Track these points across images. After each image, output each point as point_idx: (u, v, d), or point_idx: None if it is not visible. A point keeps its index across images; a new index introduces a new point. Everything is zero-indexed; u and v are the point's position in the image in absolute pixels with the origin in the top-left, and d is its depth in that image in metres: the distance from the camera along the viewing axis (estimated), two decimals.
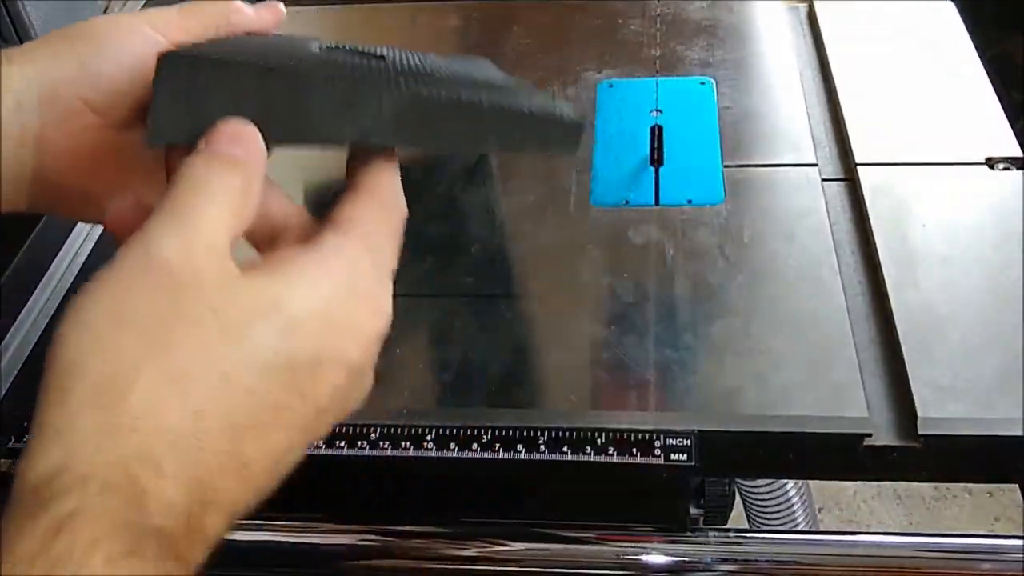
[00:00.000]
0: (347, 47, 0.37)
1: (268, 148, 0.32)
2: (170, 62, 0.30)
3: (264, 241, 0.34)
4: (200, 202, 0.29)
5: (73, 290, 0.59)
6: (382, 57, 0.37)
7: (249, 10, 0.40)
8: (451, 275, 0.57)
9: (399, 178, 0.34)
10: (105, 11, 0.77)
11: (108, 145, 0.37)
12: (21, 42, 0.64)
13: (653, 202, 0.61)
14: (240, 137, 0.31)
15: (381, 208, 0.33)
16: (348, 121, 0.32)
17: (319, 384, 0.29)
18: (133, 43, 0.37)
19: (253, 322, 0.28)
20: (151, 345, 0.26)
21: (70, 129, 0.37)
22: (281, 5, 0.42)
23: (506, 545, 0.49)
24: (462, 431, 0.48)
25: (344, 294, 0.30)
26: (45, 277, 0.59)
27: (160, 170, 0.39)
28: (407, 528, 0.50)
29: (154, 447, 0.26)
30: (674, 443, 0.47)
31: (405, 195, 0.35)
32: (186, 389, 0.26)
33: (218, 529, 0.27)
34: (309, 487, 0.32)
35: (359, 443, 0.48)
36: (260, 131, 0.31)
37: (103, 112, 0.37)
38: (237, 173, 0.30)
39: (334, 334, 0.29)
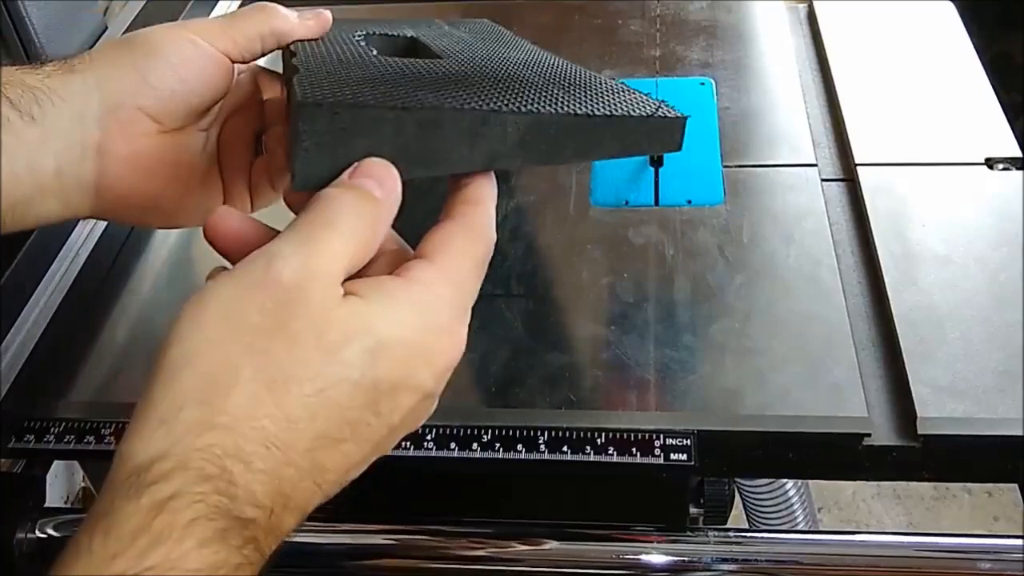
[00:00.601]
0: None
1: (404, 182, 0.33)
2: (310, 110, 0.31)
3: None
4: (327, 232, 0.31)
5: (73, 290, 0.59)
6: (439, 56, 0.41)
7: (293, 16, 0.42)
8: None
9: (492, 209, 0.35)
10: (105, 12, 0.77)
11: (164, 150, 0.40)
12: (21, 42, 0.64)
13: (653, 202, 0.61)
14: (380, 175, 0.33)
15: (469, 241, 0.34)
16: (477, 149, 0.34)
17: (395, 405, 0.31)
18: (186, 53, 0.39)
19: (347, 344, 0.30)
20: (255, 353, 0.29)
21: (129, 137, 0.39)
22: (328, 13, 0.43)
23: (506, 545, 0.49)
24: (462, 431, 0.48)
25: (427, 325, 0.32)
26: (45, 277, 0.59)
27: (213, 171, 0.42)
28: (407, 528, 0.50)
29: (247, 445, 0.28)
30: (674, 443, 0.47)
31: (407, 195, 0.35)
32: (281, 397, 0.29)
33: (291, 526, 0.29)
34: None
35: None
36: (396, 167, 0.33)
37: (159, 119, 0.40)
38: (370, 208, 0.32)
39: (414, 362, 0.31)
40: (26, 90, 0.37)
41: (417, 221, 0.36)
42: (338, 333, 0.30)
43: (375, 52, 0.41)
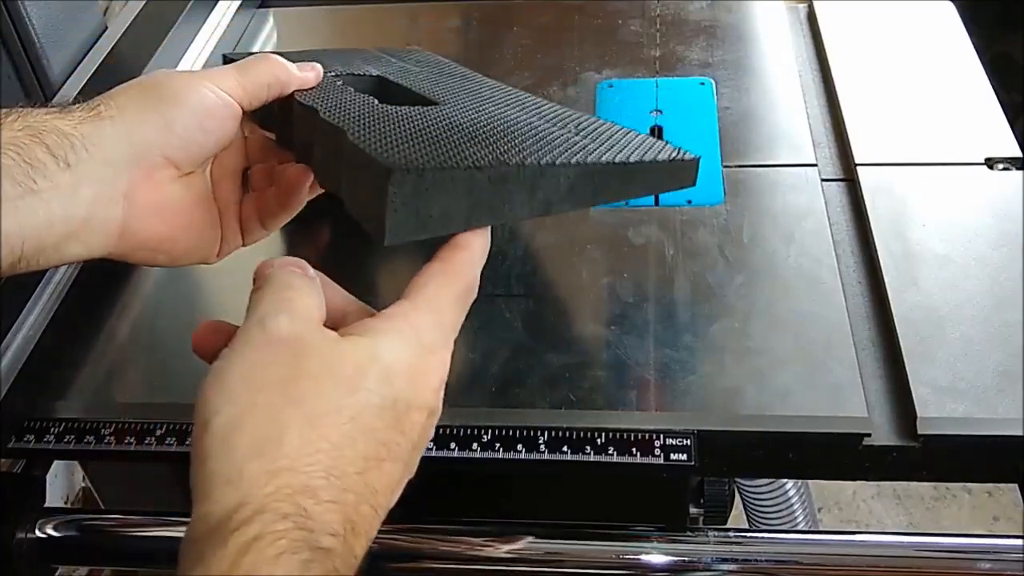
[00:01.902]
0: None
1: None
2: (400, 173, 0.35)
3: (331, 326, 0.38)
4: (291, 292, 0.35)
5: (74, 291, 0.59)
6: (435, 103, 0.46)
7: (293, 68, 0.46)
8: None
9: (478, 255, 0.38)
10: (105, 12, 0.77)
11: (182, 195, 0.43)
12: (21, 42, 0.64)
13: (653, 202, 0.62)
14: (299, 263, 0.37)
15: (446, 278, 0.37)
16: (535, 198, 0.39)
17: (413, 423, 0.34)
18: (206, 101, 0.42)
19: (361, 372, 0.33)
20: (289, 401, 0.32)
21: (153, 184, 0.42)
22: (319, 67, 0.48)
23: (506, 544, 0.49)
24: (462, 431, 0.48)
25: (415, 347, 0.35)
26: (45, 277, 0.59)
27: (215, 210, 0.45)
28: (406, 527, 0.50)
29: (311, 480, 0.30)
30: (674, 443, 0.47)
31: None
32: (326, 431, 0.32)
33: (360, 554, 0.31)
34: None
35: None
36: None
37: (179, 166, 0.42)
38: (309, 279, 0.36)
39: (416, 382, 0.35)
40: (62, 137, 0.38)
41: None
42: (350, 366, 0.33)
43: (376, 101, 0.45)
